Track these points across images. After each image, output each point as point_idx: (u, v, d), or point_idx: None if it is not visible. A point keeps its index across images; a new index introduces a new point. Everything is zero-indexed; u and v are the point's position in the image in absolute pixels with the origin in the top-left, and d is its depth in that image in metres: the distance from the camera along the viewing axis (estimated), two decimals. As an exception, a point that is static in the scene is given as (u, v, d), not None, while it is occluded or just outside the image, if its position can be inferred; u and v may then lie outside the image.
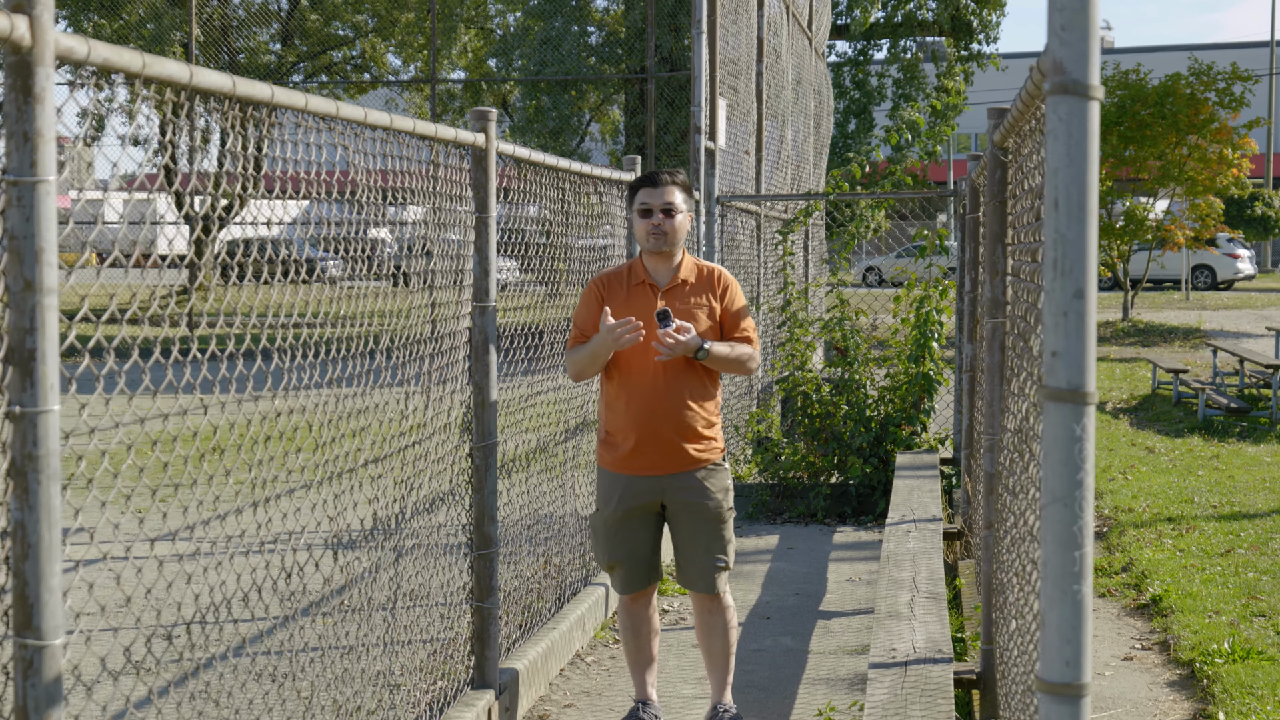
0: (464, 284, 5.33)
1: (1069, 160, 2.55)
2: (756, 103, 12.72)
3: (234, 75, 3.30)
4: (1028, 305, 4.12)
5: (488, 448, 5.49)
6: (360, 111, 4.12)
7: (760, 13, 12.63)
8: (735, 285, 5.70)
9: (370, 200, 4.37)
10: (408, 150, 4.78)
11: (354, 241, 4.27)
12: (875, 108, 31.77)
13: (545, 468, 6.78)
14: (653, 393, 5.48)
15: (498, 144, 5.52)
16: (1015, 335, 4.69)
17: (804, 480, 10.70)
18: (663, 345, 5.32)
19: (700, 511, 5.56)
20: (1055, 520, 2.57)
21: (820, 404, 10.72)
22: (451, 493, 5.30)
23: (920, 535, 7.45)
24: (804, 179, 16.42)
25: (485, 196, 5.44)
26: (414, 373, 4.62)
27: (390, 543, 4.50)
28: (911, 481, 9.14)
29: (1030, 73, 3.33)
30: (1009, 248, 5.00)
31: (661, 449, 5.50)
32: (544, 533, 6.81)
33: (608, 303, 5.58)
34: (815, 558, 9.24)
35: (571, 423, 7.15)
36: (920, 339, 10.54)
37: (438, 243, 4.93)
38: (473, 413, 5.46)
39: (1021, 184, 4.54)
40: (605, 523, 5.65)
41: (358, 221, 4.25)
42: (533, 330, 6.42)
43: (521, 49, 28.90)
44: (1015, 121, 4.33)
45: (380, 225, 4.42)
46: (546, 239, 6.83)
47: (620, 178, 7.58)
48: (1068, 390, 2.54)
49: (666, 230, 5.53)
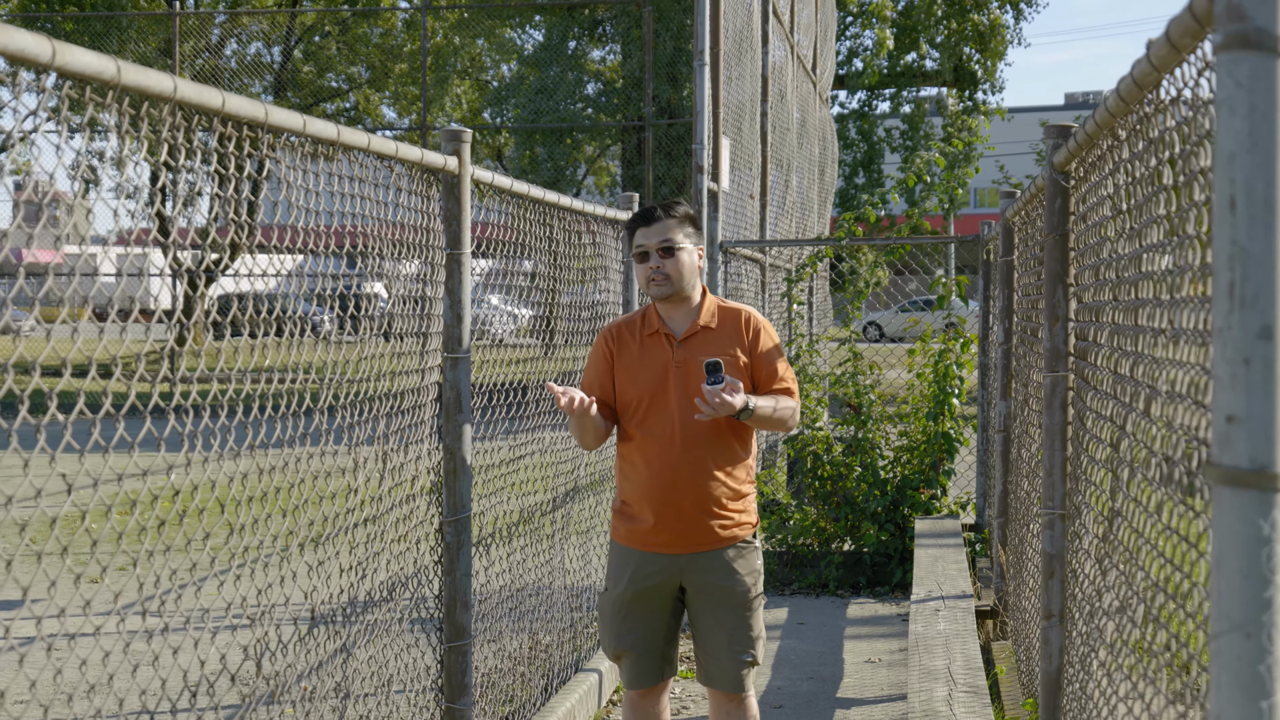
0: (432, 331, 4.57)
1: (1252, 143, 1.78)
2: (761, 144, 12.01)
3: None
4: (1112, 352, 3.36)
5: (460, 522, 4.71)
6: (298, 120, 3.38)
7: (765, 50, 11.94)
8: (768, 328, 4.89)
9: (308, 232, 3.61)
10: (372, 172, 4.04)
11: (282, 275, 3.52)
12: (883, 161, 31.16)
13: (531, 541, 5.98)
14: (670, 458, 4.69)
15: (474, 170, 4.76)
16: (1094, 391, 3.93)
17: (814, 548, 9.90)
18: (707, 403, 4.51)
19: (725, 598, 4.76)
20: (1233, 656, 1.81)
21: (831, 465, 9.93)
22: (417, 574, 4.52)
23: (951, 615, 6.66)
24: (809, 228, 15.70)
25: (459, 230, 4.68)
26: (365, 436, 3.83)
27: (333, 645, 3.70)
28: (934, 551, 8.36)
29: (1149, 47, 2.58)
30: (1071, 289, 4.24)
31: (681, 524, 4.71)
32: (530, 607, 6.01)
33: (618, 358, 4.81)
34: (829, 634, 8.44)
35: (560, 490, 6.36)
36: (939, 395, 9.76)
37: (394, 279, 4.16)
38: (443, 481, 4.68)
39: (1095, 211, 3.79)
40: (614, 605, 4.86)
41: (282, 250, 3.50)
42: (516, 386, 5.64)
43: (516, 98, 28.29)
44: (1091, 137, 3.58)
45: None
46: (532, 281, 6.08)
47: (616, 216, 6.83)
48: (1251, 471, 1.77)
49: (669, 273, 4.75)
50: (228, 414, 3.04)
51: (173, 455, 3.05)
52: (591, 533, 7.02)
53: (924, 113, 31.76)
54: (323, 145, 3.65)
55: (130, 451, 2.64)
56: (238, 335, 3.22)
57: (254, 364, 3.17)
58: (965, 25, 30.04)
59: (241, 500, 2.98)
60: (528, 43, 32.26)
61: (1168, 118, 2.82)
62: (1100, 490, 3.47)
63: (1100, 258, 3.67)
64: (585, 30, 29.30)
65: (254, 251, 3.28)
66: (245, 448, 3.05)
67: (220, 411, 2.97)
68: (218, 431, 2.84)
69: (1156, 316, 2.61)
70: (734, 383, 4.53)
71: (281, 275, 3.83)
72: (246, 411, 3.06)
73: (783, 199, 13.54)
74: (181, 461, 2.86)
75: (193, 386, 2.77)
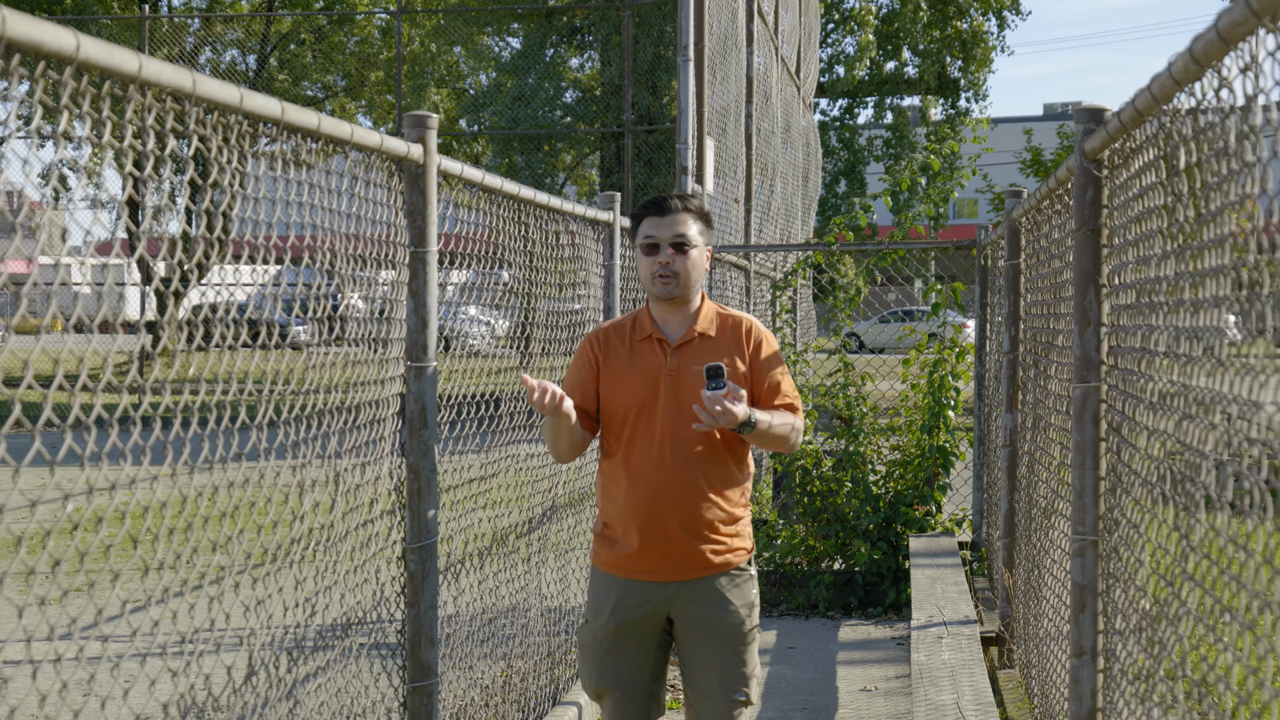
0: (393, 337, 4.11)
1: None
2: (746, 148, 11.58)
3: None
4: (1172, 360, 2.93)
5: (425, 548, 4.25)
6: (233, 92, 2.93)
7: (750, 50, 11.52)
8: (770, 339, 4.45)
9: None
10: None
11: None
12: (865, 168, 30.75)
13: (505, 566, 5.52)
14: (659, 476, 4.25)
15: (441, 160, 4.31)
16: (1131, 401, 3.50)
17: (803, 567, 9.45)
18: (707, 411, 4.08)
19: (716, 631, 4.31)
20: None
21: (821, 480, 9.48)
22: (377, 607, 4.06)
23: (955, 643, 6.23)
24: (793, 235, 15.28)
25: (424, 226, 4.23)
26: (313, 455, 3.36)
27: (275, 692, 3.23)
28: (931, 572, 7.93)
29: (1218, 18, 2.15)
30: (1104, 289, 3.81)
31: (669, 549, 4.27)
32: (504, 637, 5.55)
33: (605, 364, 4.37)
34: (821, 659, 7.99)
35: (537, 509, 5.90)
36: (935, 407, 9.33)
37: (351, 280, 3.70)
38: (406, 503, 4.22)
39: (1138, 201, 3.37)
40: (595, 638, 4.40)
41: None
42: (489, 398, 5.18)
43: (494, 106, 27.82)
44: (1139, 116, 3.15)
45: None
46: (507, 289, 5.63)
47: (596, 216, 6.38)
48: None
49: (678, 270, 4.31)
50: (141, 431, 2.59)
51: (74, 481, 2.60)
52: (571, 553, 6.56)
53: (907, 120, 31.40)
54: (264, 126, 3.20)
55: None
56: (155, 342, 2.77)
57: (174, 374, 2.72)
58: (948, 33, 29.69)
59: (160, 533, 2.53)
60: (505, 50, 31.79)
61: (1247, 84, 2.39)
62: (1149, 511, 3.04)
63: (1148, 252, 3.25)
64: (564, 37, 28.87)
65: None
66: (167, 468, 2.60)
67: (133, 428, 2.52)
68: (128, 452, 2.38)
69: (1252, 317, 2.17)
70: (737, 390, 4.10)
71: (220, 274, 3.39)
72: (166, 427, 2.60)
73: (767, 204, 13.11)
74: (85, 489, 2.42)
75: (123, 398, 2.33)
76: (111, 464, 2.41)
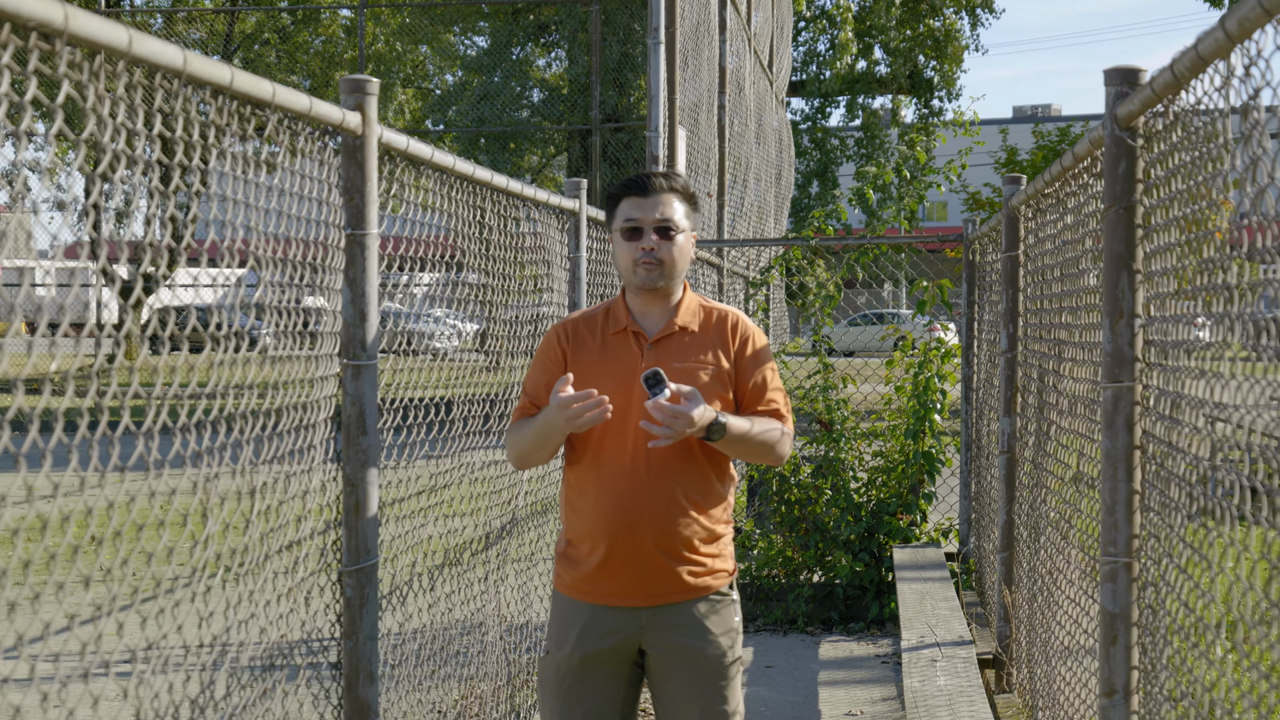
0: (325, 331, 3.59)
1: None
2: (719, 140, 11.09)
3: None
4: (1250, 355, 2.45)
5: (364, 571, 3.72)
6: (121, 34, 2.41)
7: (723, 38, 11.03)
8: (758, 335, 3.97)
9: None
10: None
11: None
12: (838, 169, 30.31)
13: (459, 588, 4.99)
14: (632, 488, 3.76)
15: (383, 132, 3.80)
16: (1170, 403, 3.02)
17: (780, 579, 8.97)
18: (654, 423, 3.62)
19: (695, 663, 3.82)
20: None
21: (799, 488, 9.00)
22: (307, 640, 3.54)
23: (951, 666, 5.75)
24: (765, 232, 14.79)
25: (363, 206, 3.71)
26: (220, 466, 2.83)
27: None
28: (919, 586, 7.45)
29: None
30: (1139, 275, 3.33)
31: (642, 569, 3.78)
32: (454, 668, 5.03)
33: (574, 359, 3.87)
34: (801, 679, 7.50)
35: (495, 524, 5.37)
36: (920, 411, 8.85)
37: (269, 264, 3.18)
38: (342, 520, 3.70)
39: (1188, 172, 2.88)
40: (558, 672, 3.90)
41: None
42: (439, 401, 4.65)
43: (459, 105, 27.30)
44: (1192, 70, 2.67)
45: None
46: (463, 288, 5.12)
47: (560, 204, 5.87)
48: None
49: (663, 258, 3.83)
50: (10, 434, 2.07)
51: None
52: (533, 568, 6.04)
53: (879, 120, 30.99)
54: (163, 77, 2.69)
55: None
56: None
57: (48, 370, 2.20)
58: (920, 31, 29.29)
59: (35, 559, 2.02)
60: (471, 49, 31.24)
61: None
62: (1216, 533, 2.55)
63: (1204, 230, 2.76)
64: (530, 36, 28.38)
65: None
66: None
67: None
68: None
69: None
70: (685, 390, 3.61)
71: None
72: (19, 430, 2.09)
73: (741, 200, 12.63)
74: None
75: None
76: None
